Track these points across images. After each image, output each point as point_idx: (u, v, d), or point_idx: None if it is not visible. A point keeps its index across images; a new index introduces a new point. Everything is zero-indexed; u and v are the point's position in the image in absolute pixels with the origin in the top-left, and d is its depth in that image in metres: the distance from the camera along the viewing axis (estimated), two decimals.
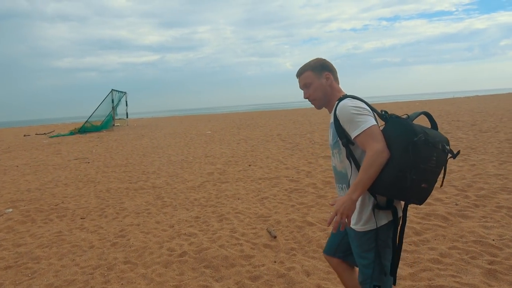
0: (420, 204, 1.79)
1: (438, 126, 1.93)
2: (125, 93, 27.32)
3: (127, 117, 28.39)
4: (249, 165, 9.10)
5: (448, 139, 2.28)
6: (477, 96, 50.26)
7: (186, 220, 5.14)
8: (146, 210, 5.84)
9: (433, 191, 5.77)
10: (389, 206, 1.82)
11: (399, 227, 1.88)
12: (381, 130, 1.79)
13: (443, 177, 1.84)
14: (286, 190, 6.40)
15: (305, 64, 2.05)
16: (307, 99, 2.06)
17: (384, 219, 1.83)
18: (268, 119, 26.34)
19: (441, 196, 5.23)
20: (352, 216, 1.86)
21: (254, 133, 16.90)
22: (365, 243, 1.87)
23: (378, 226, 1.82)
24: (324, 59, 2.04)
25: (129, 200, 6.62)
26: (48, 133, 25.78)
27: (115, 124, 26.65)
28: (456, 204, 4.81)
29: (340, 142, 1.87)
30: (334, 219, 1.76)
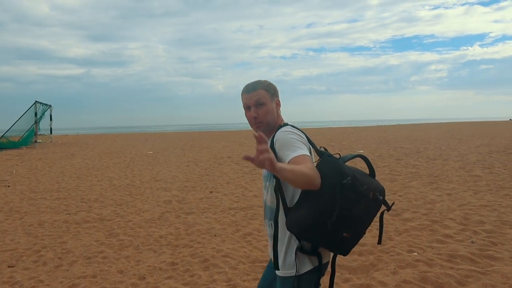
0: (344, 255, 1.63)
1: (378, 160, 1.70)
2: (50, 106, 24.51)
3: (51, 133, 25.37)
4: (211, 192, 8.08)
5: (405, 165, 1.76)
6: (399, 125, 54.17)
7: (160, 268, 4.01)
8: (100, 254, 4.57)
9: (434, 224, 5.30)
10: (313, 251, 1.65)
11: (329, 278, 1.77)
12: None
13: (380, 232, 1.68)
14: None
15: (258, 81, 1.83)
16: (250, 119, 1.82)
17: (307, 265, 1.67)
18: (210, 140, 25.29)
19: (448, 232, 4.77)
20: (279, 257, 1.72)
21: (201, 155, 15.80)
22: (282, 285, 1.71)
23: (298, 273, 1.65)
24: (275, 85, 1.87)
25: (73, 238, 5.24)
26: None
27: (37, 141, 23.62)
28: (473, 242, 4.34)
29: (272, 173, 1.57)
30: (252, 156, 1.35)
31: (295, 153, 1.57)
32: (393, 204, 1.74)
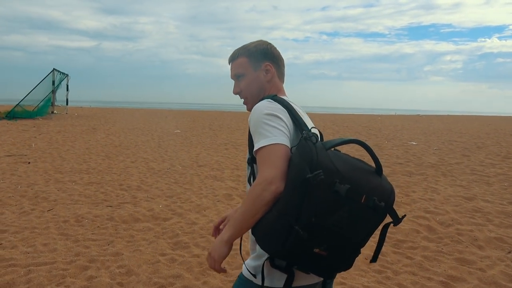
0: (325, 278, 1.22)
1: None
2: (67, 75, 23.05)
3: (67, 104, 24.01)
4: None
5: (481, 163, 0.32)
6: (420, 115, 52.09)
7: None
8: (177, 280, 3.16)
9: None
10: (287, 268, 1.16)
11: None
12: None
13: (377, 249, 1.17)
14: None
15: (241, 47, 1.45)
16: (236, 95, 1.48)
17: (275, 281, 1.21)
18: (236, 121, 23.80)
19: None
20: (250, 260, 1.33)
21: (235, 137, 14.35)
22: (238, 283, 1.33)
23: (261, 284, 1.21)
24: (268, 44, 1.45)
25: (127, 246, 3.86)
26: None
27: (54, 112, 22.33)
28: None
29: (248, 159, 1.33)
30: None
31: (260, 143, 1.18)
32: (404, 216, 1.14)
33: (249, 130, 1.28)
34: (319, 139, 1.21)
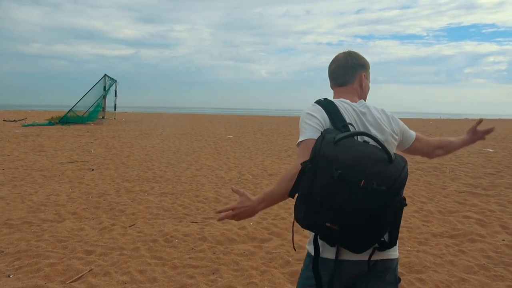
0: (353, 252, 1.37)
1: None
2: (116, 81, 23.27)
3: (115, 110, 24.26)
4: None
5: None
6: (469, 119, 49.02)
7: None
8: None
9: None
10: (314, 240, 1.47)
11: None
12: None
13: (395, 232, 1.41)
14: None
15: None
16: None
17: (328, 253, 1.46)
18: (282, 125, 23.09)
19: None
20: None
21: (292, 142, 13.62)
22: (306, 257, 1.60)
23: (315, 253, 1.47)
24: (330, 63, 1.73)
25: (236, 277, 3.21)
26: (19, 120, 21.37)
27: (104, 117, 22.57)
28: None
29: None
30: (226, 212, 1.58)
31: (299, 138, 1.54)
32: (405, 202, 1.31)
33: None
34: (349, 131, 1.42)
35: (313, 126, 1.48)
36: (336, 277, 1.44)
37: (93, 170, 7.85)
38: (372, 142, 1.38)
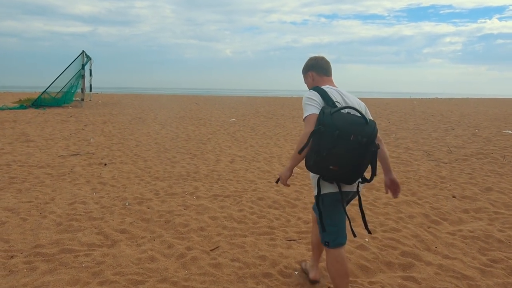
0: (346, 184, 2.22)
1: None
2: (91, 58, 21.05)
3: (90, 90, 22.08)
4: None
5: None
6: (450, 98, 49.99)
7: None
8: None
9: None
10: (331, 180, 2.23)
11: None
12: None
13: (372, 168, 2.18)
14: None
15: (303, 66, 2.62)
16: None
17: (328, 188, 2.26)
18: (276, 107, 21.97)
19: None
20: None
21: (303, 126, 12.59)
22: (315, 205, 2.37)
23: (321, 192, 2.29)
24: (312, 58, 2.55)
25: None
26: None
27: (76, 99, 20.49)
28: None
29: None
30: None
31: (304, 114, 2.25)
32: (378, 145, 2.14)
33: None
34: (336, 107, 2.19)
35: (313, 105, 2.23)
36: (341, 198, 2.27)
37: (105, 164, 6.49)
38: (352, 112, 2.17)
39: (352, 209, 3.91)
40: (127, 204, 4.49)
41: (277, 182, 2.38)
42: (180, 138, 9.45)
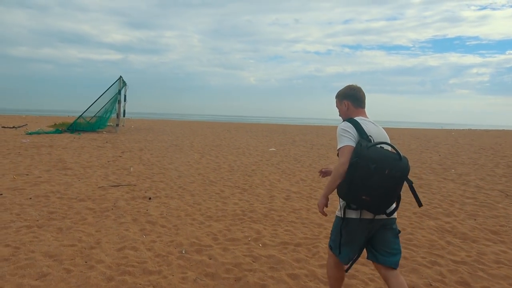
0: (374, 213, 2.30)
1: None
2: (126, 84, 21.08)
3: (123, 116, 22.06)
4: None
5: None
6: (470, 129, 47.90)
7: None
8: None
9: None
10: (356, 209, 2.35)
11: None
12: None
13: (415, 197, 2.31)
14: None
15: (338, 90, 2.67)
16: None
17: (352, 214, 2.38)
18: (310, 135, 21.24)
19: None
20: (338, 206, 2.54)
21: None
22: (335, 220, 2.53)
23: (345, 216, 2.40)
24: (350, 87, 2.61)
25: None
26: (20, 126, 19.13)
27: (110, 124, 20.45)
28: None
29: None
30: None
31: (338, 146, 2.38)
32: (411, 182, 2.24)
33: None
34: (371, 141, 2.33)
35: (348, 137, 2.33)
36: (359, 227, 2.38)
37: (150, 198, 5.88)
38: (385, 147, 2.31)
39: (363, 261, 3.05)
40: (183, 252, 3.79)
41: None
42: (223, 169, 8.81)
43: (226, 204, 5.70)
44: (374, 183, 2.14)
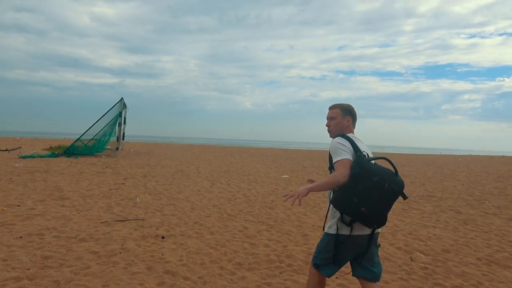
0: (368, 227, 2.40)
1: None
2: (126, 106, 20.32)
3: (123, 139, 21.17)
4: None
5: None
6: (471, 155, 47.43)
7: None
8: None
9: None
10: (349, 224, 2.42)
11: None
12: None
13: (404, 198, 2.40)
14: None
15: (339, 103, 2.76)
16: (326, 127, 2.77)
17: (345, 230, 2.44)
18: (316, 161, 20.42)
19: None
20: (325, 222, 2.64)
21: None
22: (324, 238, 2.56)
23: (337, 233, 2.46)
24: (352, 106, 2.76)
25: None
26: (13, 149, 18.19)
27: (109, 147, 19.58)
28: None
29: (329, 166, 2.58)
30: (290, 195, 2.36)
31: (336, 158, 2.41)
32: (406, 197, 2.37)
33: (329, 150, 2.54)
34: (366, 156, 2.43)
35: (345, 150, 2.41)
36: (351, 243, 2.45)
37: (163, 238, 4.97)
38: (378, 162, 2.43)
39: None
40: None
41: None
42: (239, 200, 7.92)
43: (255, 246, 4.80)
44: (374, 196, 2.24)
